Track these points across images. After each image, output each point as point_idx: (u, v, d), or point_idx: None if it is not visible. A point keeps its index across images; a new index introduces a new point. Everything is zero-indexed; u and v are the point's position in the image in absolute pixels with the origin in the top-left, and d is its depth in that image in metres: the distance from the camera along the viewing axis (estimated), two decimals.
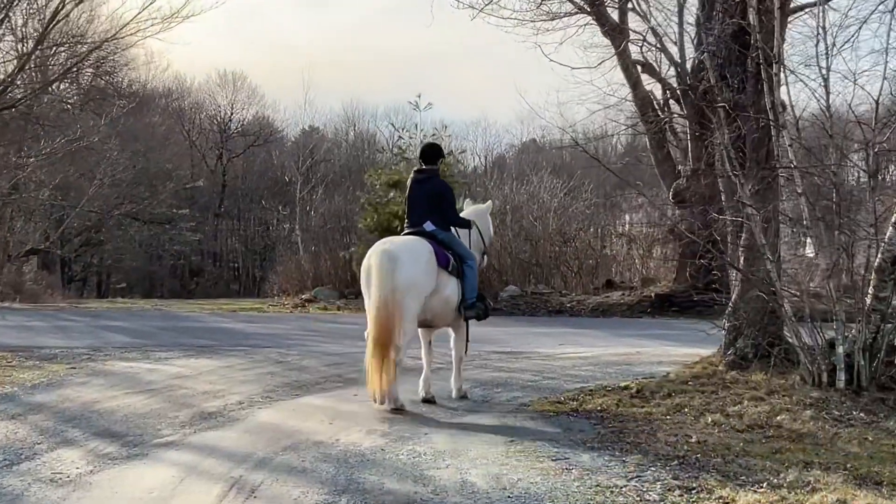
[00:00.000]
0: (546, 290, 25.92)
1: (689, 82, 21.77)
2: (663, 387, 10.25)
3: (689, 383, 10.38)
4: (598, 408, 9.33)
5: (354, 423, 8.41)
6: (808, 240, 16.03)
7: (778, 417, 8.60)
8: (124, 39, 29.03)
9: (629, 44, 23.82)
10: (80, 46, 31.30)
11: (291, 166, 48.21)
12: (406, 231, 9.73)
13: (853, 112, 9.58)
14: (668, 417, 8.78)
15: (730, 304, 11.37)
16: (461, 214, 10.25)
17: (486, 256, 10.74)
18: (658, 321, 22.21)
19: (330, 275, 27.84)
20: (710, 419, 8.62)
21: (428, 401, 9.57)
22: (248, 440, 7.66)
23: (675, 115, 24.83)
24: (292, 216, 43.97)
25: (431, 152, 10.04)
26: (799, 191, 9.38)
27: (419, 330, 9.67)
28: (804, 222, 9.53)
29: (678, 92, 23.42)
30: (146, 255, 49.22)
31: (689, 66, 22.97)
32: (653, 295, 24.09)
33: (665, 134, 24.96)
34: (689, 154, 23.29)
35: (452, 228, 9.77)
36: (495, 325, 20.15)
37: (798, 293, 9.86)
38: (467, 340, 9.89)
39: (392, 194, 25.63)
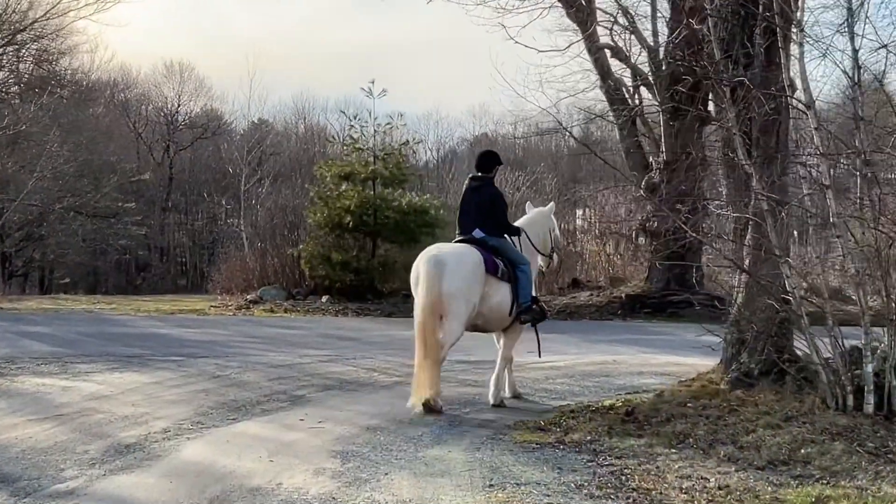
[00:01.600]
0: None
1: (664, 66, 20.56)
2: (659, 409, 8.92)
3: (689, 405, 9.04)
4: (589, 437, 7.99)
5: (300, 460, 7.03)
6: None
7: (803, 451, 7.26)
8: (57, 20, 27.47)
9: (598, 27, 22.53)
10: (8, 27, 29.70)
11: (237, 158, 47.02)
12: (457, 239, 9.79)
13: (884, 91, 8.28)
14: (673, 452, 7.43)
15: (732, 312, 10.01)
16: (525, 216, 10.80)
17: (555, 256, 11.14)
18: (630, 324, 20.87)
19: (277, 273, 26.21)
20: (722, 453, 7.30)
21: (498, 406, 9.63)
22: (168, 487, 6.21)
23: (647, 104, 23.48)
24: (238, 210, 42.67)
25: (487, 160, 10.06)
26: (826, 182, 8.02)
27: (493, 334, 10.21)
28: (832, 220, 8.14)
29: (650, 78, 22.16)
30: (90, 250, 47.36)
31: (661, 51, 21.78)
32: (623, 296, 22.67)
33: (635, 124, 23.61)
34: (662, 145, 22.02)
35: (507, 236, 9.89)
36: None
37: (817, 300, 8.54)
38: (539, 344, 10.06)
39: (344, 187, 24.22)
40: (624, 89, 23.32)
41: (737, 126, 8.89)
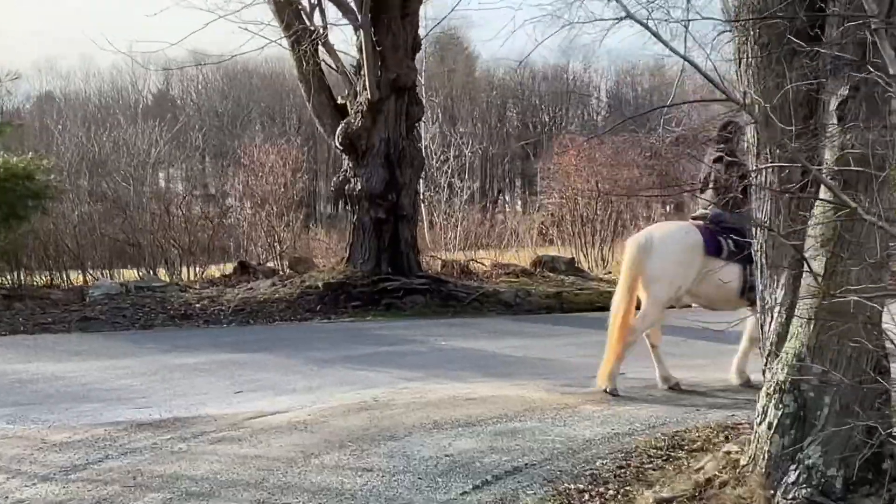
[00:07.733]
0: (159, 284, 18.14)
1: None
2: None
3: None
4: None
5: None
6: None
7: None
8: None
9: None
10: None
11: None
12: (694, 214, 9.77)
13: None
14: None
15: (776, 367, 5.16)
16: None
17: None
18: (344, 326, 15.23)
19: None
20: None
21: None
22: None
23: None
24: None
25: (724, 129, 9.45)
26: None
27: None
28: None
29: None
30: None
31: None
32: (319, 284, 16.94)
33: (318, 53, 18.00)
34: (365, 79, 16.63)
35: None
36: (99, 353, 12.44)
37: None
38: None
39: None
40: (299, 7, 17.79)
41: None
